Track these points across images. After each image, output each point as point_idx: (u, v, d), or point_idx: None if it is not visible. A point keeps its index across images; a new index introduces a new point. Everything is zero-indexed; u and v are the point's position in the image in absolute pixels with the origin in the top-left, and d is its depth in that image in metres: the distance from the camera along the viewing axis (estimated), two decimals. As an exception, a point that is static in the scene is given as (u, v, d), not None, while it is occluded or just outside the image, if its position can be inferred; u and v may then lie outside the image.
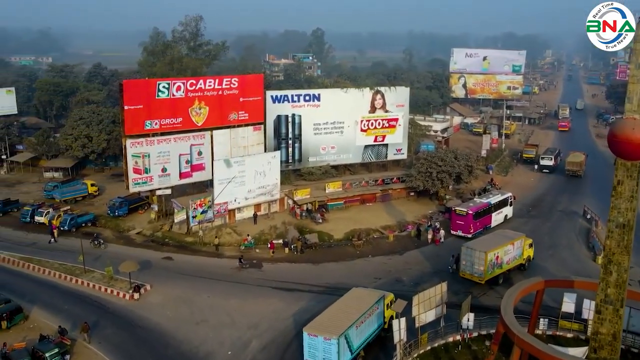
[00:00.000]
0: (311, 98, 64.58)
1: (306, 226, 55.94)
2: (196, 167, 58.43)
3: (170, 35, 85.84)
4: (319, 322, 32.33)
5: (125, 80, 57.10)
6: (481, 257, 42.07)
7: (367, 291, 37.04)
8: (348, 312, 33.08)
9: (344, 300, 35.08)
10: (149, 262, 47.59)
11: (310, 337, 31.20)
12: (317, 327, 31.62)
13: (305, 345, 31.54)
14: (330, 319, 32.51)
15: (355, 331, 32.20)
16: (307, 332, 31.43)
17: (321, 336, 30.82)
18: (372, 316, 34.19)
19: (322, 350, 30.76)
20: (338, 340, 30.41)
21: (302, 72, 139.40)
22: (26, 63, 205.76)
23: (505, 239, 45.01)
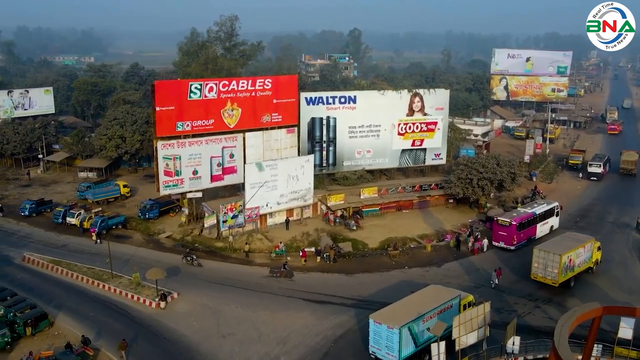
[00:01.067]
0: (347, 100, 62.47)
1: (340, 233, 53.86)
2: (228, 170, 57.07)
3: (207, 36, 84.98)
4: (387, 311, 33.71)
5: (157, 81, 56.17)
6: (555, 259, 41.34)
7: (444, 289, 37.06)
8: (417, 305, 33.79)
9: (417, 294, 36.03)
10: (177, 268, 46.32)
11: (376, 325, 32.49)
12: (383, 316, 32.88)
13: (371, 332, 32.91)
14: (398, 309, 33.67)
15: (421, 325, 32.58)
16: (373, 320, 32.66)
17: (385, 324, 31.97)
18: (443, 314, 33.79)
19: (385, 339, 31.94)
20: (400, 331, 31.24)
21: (338, 72, 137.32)
22: (69, 63, 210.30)
23: (576, 242, 43.96)
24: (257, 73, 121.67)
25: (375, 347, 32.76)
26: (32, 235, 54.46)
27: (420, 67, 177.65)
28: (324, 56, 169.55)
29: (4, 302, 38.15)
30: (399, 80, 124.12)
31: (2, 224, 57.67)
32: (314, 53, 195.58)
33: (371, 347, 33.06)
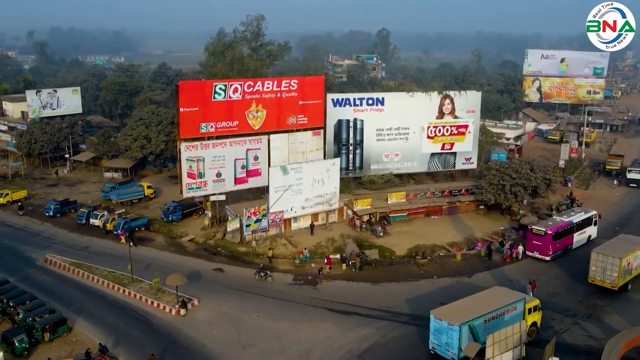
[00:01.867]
0: (374, 102, 60.71)
1: (366, 240, 52.14)
2: (252, 173, 55.93)
3: (233, 36, 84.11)
4: (449, 308, 33.78)
5: (181, 82, 55.33)
6: (615, 263, 40.40)
7: (509, 290, 36.59)
8: (480, 304, 33.68)
9: (480, 294, 35.86)
10: (199, 274, 45.24)
11: (436, 321, 32.53)
12: (444, 312, 32.92)
13: (431, 328, 32.99)
14: (460, 307, 33.69)
15: (483, 325, 32.27)
16: (434, 316, 32.75)
17: (445, 321, 31.98)
18: (507, 315, 33.35)
19: (446, 335, 32.00)
20: (460, 328, 31.17)
21: (365, 73, 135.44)
22: (100, 63, 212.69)
23: (632, 244, 43.06)
24: (284, 73, 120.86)
25: (435, 343, 32.93)
26: (56, 236, 54.12)
27: (450, 67, 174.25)
28: (351, 56, 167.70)
29: (24, 306, 37.54)
30: (427, 81, 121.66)
31: (26, 224, 57.57)
32: (342, 53, 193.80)
33: (431, 343, 33.24)
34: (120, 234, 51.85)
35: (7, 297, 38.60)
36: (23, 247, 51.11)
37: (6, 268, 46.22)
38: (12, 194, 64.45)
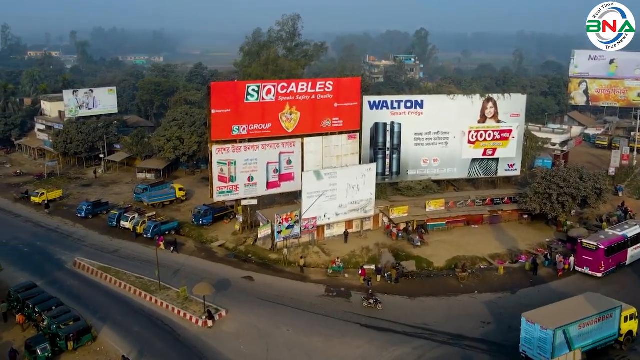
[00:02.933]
0: (413, 105, 58.20)
1: (402, 249, 49.73)
2: (285, 177, 54.20)
3: (268, 36, 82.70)
4: (541, 311, 33.31)
5: (213, 83, 53.97)
6: None
7: (603, 297, 35.74)
8: (575, 310, 33.24)
9: (574, 299, 35.30)
10: (228, 282, 43.68)
11: (528, 324, 32.17)
12: (536, 316, 32.50)
13: (523, 331, 32.65)
14: (554, 311, 33.26)
15: (577, 330, 31.94)
16: (526, 319, 32.34)
17: (538, 324, 31.62)
18: (602, 322, 33.01)
19: (538, 339, 31.63)
20: (554, 332, 30.89)
21: (403, 74, 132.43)
22: (140, 62, 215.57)
23: None
24: (320, 74, 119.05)
25: (527, 347, 32.47)
26: (86, 239, 53.52)
27: (490, 69, 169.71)
28: (388, 57, 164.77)
29: (49, 313, 36.60)
30: (467, 82, 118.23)
31: (59, 225, 57.27)
32: (379, 54, 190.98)
33: (522, 346, 32.82)
34: (160, 240, 50.40)
35: (33, 303, 37.77)
36: (54, 249, 50.62)
37: (35, 271, 45.74)
38: (47, 194, 64.48)
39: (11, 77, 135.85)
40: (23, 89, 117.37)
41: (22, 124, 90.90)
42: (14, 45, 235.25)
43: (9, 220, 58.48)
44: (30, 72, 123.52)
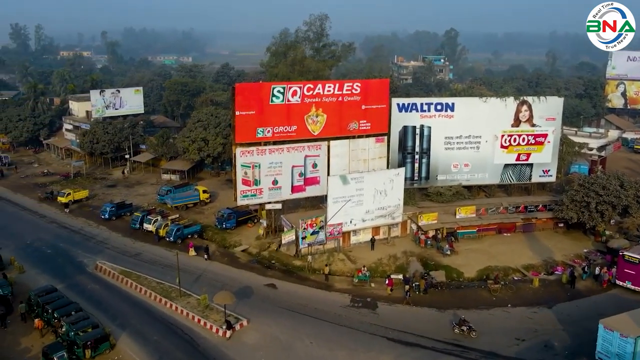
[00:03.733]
0: (444, 107, 56.12)
1: (431, 258, 47.82)
2: (310, 181, 52.76)
3: (295, 36, 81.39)
4: (620, 318, 32.43)
5: (238, 84, 52.78)
6: None
7: None
8: None
9: None
10: (250, 289, 42.42)
11: (606, 331, 31.50)
12: (616, 323, 31.77)
13: (599, 339, 31.95)
14: (634, 318, 32.14)
15: None
16: (603, 325, 31.74)
17: (617, 332, 30.96)
18: None
19: (617, 347, 30.93)
20: (636, 341, 30.16)
21: (432, 75, 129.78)
22: (169, 62, 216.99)
23: None
24: (348, 75, 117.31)
25: (604, 354, 31.78)
26: (109, 241, 52.92)
27: (522, 70, 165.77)
28: (417, 57, 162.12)
29: (68, 319, 35.79)
30: (498, 84, 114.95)
31: (82, 226, 56.86)
32: (407, 54, 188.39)
33: (598, 354, 32.18)
34: (190, 246, 49.43)
35: (53, 307, 37.02)
36: (76, 251, 50.12)
37: (57, 273, 45.24)
38: (74, 194, 64.27)
39: (42, 76, 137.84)
40: (53, 88, 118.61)
41: (51, 123, 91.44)
42: (47, 46, 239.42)
43: (34, 221, 58.35)
44: (60, 72, 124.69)
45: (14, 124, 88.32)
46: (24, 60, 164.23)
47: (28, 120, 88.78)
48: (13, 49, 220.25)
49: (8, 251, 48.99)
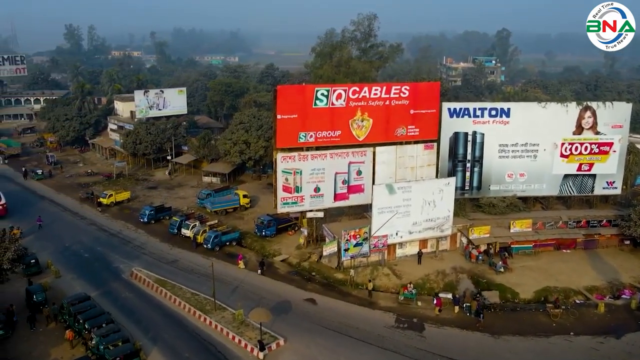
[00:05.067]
0: (498, 113, 52.40)
1: (483, 275, 44.38)
2: (354, 189, 50.11)
3: (341, 36, 78.82)
4: None
5: (280, 86, 50.69)
6: None
7: None
8: None
9: None
10: (288, 304, 40.11)
11: None
12: None
13: None
14: None
15: None
16: None
17: None
18: None
19: None
20: None
21: (483, 77, 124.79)
22: (215, 62, 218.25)
23: None
24: (394, 76, 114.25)
25: None
26: (147, 246, 51.66)
27: (578, 72, 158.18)
28: (467, 58, 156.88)
29: (99, 331, 34.32)
30: (554, 87, 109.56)
31: (121, 229, 55.91)
32: (456, 55, 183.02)
33: None
34: (239, 258, 47.29)
35: (84, 318, 35.66)
36: (113, 255, 49.02)
37: (92, 279, 44.18)
38: (115, 195, 63.66)
39: (92, 76, 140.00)
40: (102, 88, 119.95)
41: (97, 123, 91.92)
42: (99, 46, 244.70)
43: (74, 222, 57.84)
44: (109, 72, 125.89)
45: (61, 124, 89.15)
46: (76, 60, 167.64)
47: (75, 119, 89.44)
48: (67, 49, 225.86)
49: (46, 254, 48.41)
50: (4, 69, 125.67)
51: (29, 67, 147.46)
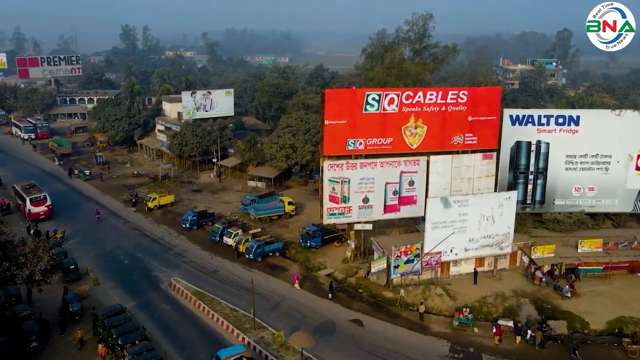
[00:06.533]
0: (566, 121, 48.01)
1: (547, 300, 40.28)
2: (405, 200, 46.77)
3: (394, 36, 75.33)
4: None
5: (328, 90, 47.94)
6: None
7: None
8: None
9: None
10: (332, 325, 37.33)
11: None
12: None
13: None
14: None
15: None
16: None
17: None
18: None
19: None
20: None
21: (542, 80, 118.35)
22: (266, 62, 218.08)
23: None
24: (447, 78, 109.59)
25: None
26: (187, 254, 49.93)
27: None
28: (525, 60, 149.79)
29: (131, 348, 32.50)
30: (621, 90, 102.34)
31: (163, 235, 54.47)
32: (512, 57, 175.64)
33: None
34: (295, 277, 43.94)
35: (118, 333, 33.92)
36: (153, 263, 47.48)
37: (130, 289, 42.72)
38: (159, 199, 62.44)
39: (144, 76, 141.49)
40: (153, 88, 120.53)
41: (145, 123, 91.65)
42: (153, 46, 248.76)
43: (117, 226, 56.83)
44: (160, 72, 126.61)
45: (110, 123, 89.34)
46: (129, 60, 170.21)
47: (124, 119, 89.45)
48: (122, 49, 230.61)
49: (86, 259, 47.46)
50: (60, 69, 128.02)
51: (86, 67, 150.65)
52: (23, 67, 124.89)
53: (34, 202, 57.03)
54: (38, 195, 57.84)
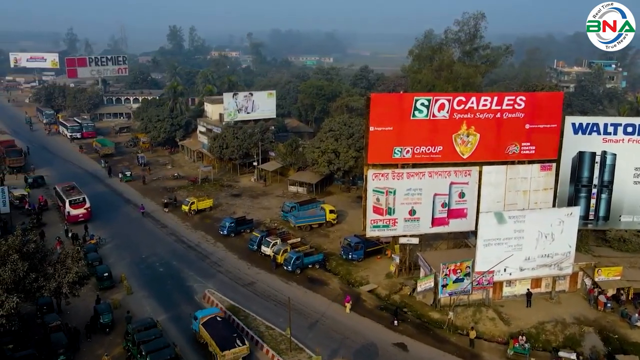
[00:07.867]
0: (636, 130, 43.73)
1: (613, 329, 36.47)
2: (455, 213, 43.58)
3: (443, 37, 71.88)
4: None
5: (373, 94, 45.16)
6: None
7: None
8: None
9: None
10: (374, 348, 34.66)
11: None
12: None
13: None
14: None
15: None
16: None
17: None
18: None
19: None
20: None
21: (601, 83, 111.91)
22: (310, 63, 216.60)
23: None
24: (497, 81, 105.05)
25: None
26: (223, 263, 48.09)
27: None
28: (581, 62, 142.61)
29: (160, 368, 30.73)
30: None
31: (200, 241, 52.86)
32: (567, 58, 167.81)
33: None
34: (346, 301, 40.41)
35: (147, 350, 32.20)
36: (188, 272, 45.82)
37: (163, 299, 41.17)
38: (197, 203, 60.97)
39: (189, 76, 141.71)
40: (197, 88, 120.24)
41: (187, 124, 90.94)
42: (199, 46, 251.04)
43: (154, 231, 55.57)
44: (204, 73, 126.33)
45: (153, 124, 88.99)
46: (175, 61, 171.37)
47: (166, 120, 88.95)
48: (169, 49, 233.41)
49: (121, 266, 46.27)
50: (107, 69, 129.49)
51: (133, 67, 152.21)
52: (72, 67, 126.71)
53: (73, 204, 56.44)
54: (77, 198, 57.25)
